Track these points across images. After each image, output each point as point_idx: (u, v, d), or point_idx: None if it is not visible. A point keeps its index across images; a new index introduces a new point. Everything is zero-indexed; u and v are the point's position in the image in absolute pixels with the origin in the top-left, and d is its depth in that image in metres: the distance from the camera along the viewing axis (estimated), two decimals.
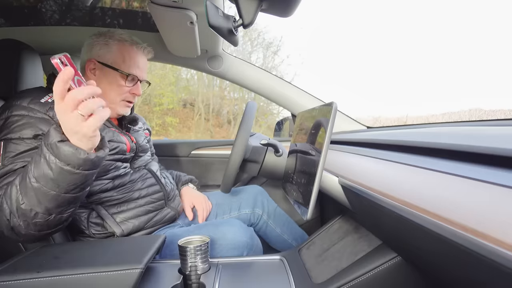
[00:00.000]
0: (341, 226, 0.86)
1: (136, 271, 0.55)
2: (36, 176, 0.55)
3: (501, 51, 7.11)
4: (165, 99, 7.36)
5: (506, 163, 0.34)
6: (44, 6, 1.06)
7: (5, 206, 0.58)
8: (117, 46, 0.82)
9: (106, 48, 0.81)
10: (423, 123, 0.88)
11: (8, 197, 0.57)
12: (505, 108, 3.76)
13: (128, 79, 0.83)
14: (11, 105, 0.68)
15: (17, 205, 0.57)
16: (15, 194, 0.57)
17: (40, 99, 0.70)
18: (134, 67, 0.83)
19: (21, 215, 0.57)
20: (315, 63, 9.57)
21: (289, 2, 0.53)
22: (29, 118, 0.67)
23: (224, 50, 1.24)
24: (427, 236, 0.37)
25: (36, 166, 0.55)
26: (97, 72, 0.82)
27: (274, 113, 7.07)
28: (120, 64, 0.82)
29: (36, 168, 0.55)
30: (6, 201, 0.58)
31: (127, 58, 0.83)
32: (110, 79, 0.82)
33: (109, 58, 0.81)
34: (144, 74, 0.87)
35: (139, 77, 0.85)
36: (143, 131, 0.98)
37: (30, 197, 0.56)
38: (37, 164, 0.55)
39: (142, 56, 0.86)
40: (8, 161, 0.63)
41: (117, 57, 0.82)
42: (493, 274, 0.29)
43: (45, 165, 0.54)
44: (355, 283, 0.63)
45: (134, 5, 1.07)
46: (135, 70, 0.84)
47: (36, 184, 0.55)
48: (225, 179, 0.94)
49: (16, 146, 0.64)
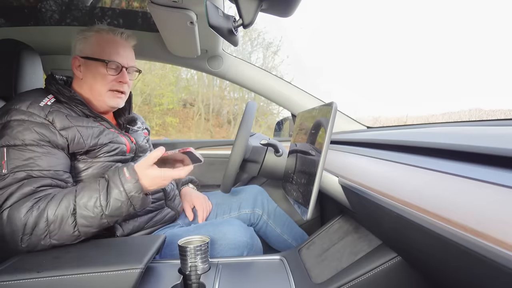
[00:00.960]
0: (341, 226, 0.86)
1: (136, 271, 0.55)
2: (108, 213, 0.64)
3: (501, 51, 7.11)
4: (165, 99, 7.36)
5: (506, 163, 0.34)
6: (44, 6, 1.06)
7: (43, 225, 0.61)
8: (95, 37, 0.80)
9: (85, 41, 0.80)
10: (423, 123, 0.88)
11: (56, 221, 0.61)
12: (505, 108, 3.75)
13: (109, 67, 0.80)
14: (10, 109, 0.68)
15: (64, 231, 0.62)
16: (66, 221, 0.62)
17: (39, 102, 0.70)
18: (114, 53, 0.81)
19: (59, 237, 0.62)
20: (315, 63, 9.57)
21: (289, 2, 0.53)
22: (29, 124, 0.66)
23: (224, 50, 1.24)
24: (427, 236, 0.37)
25: (110, 206, 0.63)
26: (81, 68, 0.80)
27: (274, 113, 7.06)
28: (100, 53, 0.79)
29: (109, 208, 0.64)
30: (40, 221, 0.60)
31: (105, 46, 0.80)
32: (93, 71, 0.80)
33: (89, 50, 0.80)
34: (128, 60, 0.83)
35: (122, 64, 0.82)
36: (142, 131, 0.97)
37: (86, 227, 0.63)
38: (111, 204, 0.64)
39: (121, 42, 0.83)
40: (12, 169, 0.63)
41: (96, 47, 0.80)
42: (493, 274, 0.29)
43: (122, 209, 0.65)
44: (355, 283, 0.63)
45: (134, 5, 1.07)
46: (115, 56, 0.81)
47: (104, 220, 0.64)
48: (225, 179, 0.94)
49: (19, 153, 0.64)
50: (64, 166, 0.69)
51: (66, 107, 0.74)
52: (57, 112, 0.70)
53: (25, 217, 0.59)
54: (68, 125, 0.70)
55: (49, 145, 0.67)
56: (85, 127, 0.73)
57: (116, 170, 0.67)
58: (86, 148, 0.72)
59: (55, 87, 0.75)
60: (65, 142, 0.69)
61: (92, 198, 0.63)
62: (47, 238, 0.61)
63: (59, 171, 0.67)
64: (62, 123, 0.69)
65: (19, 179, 0.62)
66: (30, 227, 0.60)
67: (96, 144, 0.74)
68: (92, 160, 0.75)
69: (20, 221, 0.59)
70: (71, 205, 0.62)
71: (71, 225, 0.62)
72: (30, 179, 0.63)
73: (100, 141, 0.75)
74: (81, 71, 0.81)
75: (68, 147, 0.70)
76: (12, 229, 0.59)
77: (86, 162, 0.74)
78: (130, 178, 0.65)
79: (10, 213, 0.60)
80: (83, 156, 0.74)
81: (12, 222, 0.59)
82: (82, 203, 0.63)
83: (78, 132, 0.71)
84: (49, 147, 0.67)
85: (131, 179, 0.65)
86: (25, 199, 0.61)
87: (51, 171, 0.66)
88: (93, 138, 0.74)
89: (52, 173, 0.66)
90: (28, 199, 0.61)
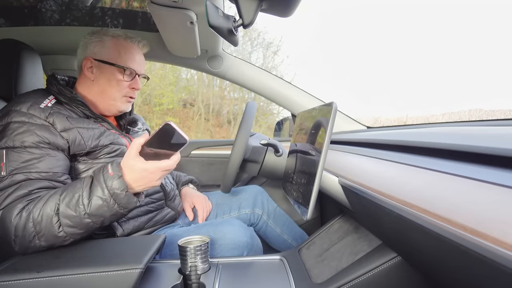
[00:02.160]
0: (341, 226, 0.86)
1: (136, 271, 0.55)
2: (89, 212, 0.60)
3: (501, 51, 7.11)
4: (165, 99, 7.36)
5: (506, 163, 0.34)
6: (44, 6, 1.06)
7: (30, 226, 0.58)
8: (111, 41, 0.82)
9: (101, 44, 0.81)
10: (423, 123, 0.88)
11: (40, 223, 0.59)
12: (505, 108, 3.75)
13: (126, 73, 0.82)
14: (10, 111, 0.67)
15: (49, 232, 0.59)
16: (50, 221, 0.59)
17: (39, 104, 0.69)
18: (130, 60, 0.83)
19: (45, 239, 0.60)
20: (315, 63, 9.56)
21: (289, 2, 0.53)
22: (29, 126, 0.66)
23: (224, 50, 1.24)
24: (427, 236, 0.37)
25: (91, 205, 0.60)
26: (94, 70, 0.81)
27: (274, 113, 7.06)
28: (117, 59, 0.81)
29: (90, 206, 0.60)
30: (33, 224, 0.59)
31: (122, 52, 0.82)
32: (108, 75, 0.81)
33: (105, 54, 0.81)
34: (141, 68, 0.86)
35: (137, 71, 0.84)
36: (142, 131, 0.98)
37: (70, 227, 0.60)
38: (92, 203, 0.60)
39: (137, 50, 0.86)
40: (11, 171, 0.62)
41: (113, 52, 0.81)
42: (493, 274, 0.29)
43: (105, 207, 0.60)
44: (355, 283, 0.63)
45: (134, 5, 1.07)
46: (132, 63, 0.83)
47: (88, 220, 0.60)
48: (225, 179, 0.94)
49: (18, 155, 0.64)
50: (63, 167, 0.69)
51: (67, 108, 0.74)
52: (57, 114, 0.70)
53: (15, 219, 0.58)
54: (69, 127, 0.70)
55: (49, 147, 0.67)
56: (86, 129, 0.73)
57: (101, 167, 0.63)
58: (87, 149, 0.72)
59: (56, 88, 0.75)
60: (65, 143, 0.69)
61: (74, 196, 0.60)
62: (35, 240, 0.59)
63: (57, 172, 0.67)
64: (63, 125, 0.69)
65: (17, 182, 0.62)
66: (20, 229, 0.58)
67: (97, 146, 0.74)
68: (93, 161, 0.75)
69: (11, 223, 0.58)
70: (55, 204, 0.60)
71: (55, 225, 0.59)
72: (27, 181, 0.63)
73: (101, 143, 0.75)
74: (93, 72, 0.81)
75: (69, 148, 0.70)
76: (5, 232, 0.59)
77: (87, 163, 0.74)
78: (113, 174, 0.60)
79: (3, 215, 0.59)
80: (84, 157, 0.74)
81: (4, 224, 0.59)
82: (65, 201, 0.60)
83: (79, 134, 0.71)
84: (49, 149, 0.67)
85: (114, 175, 0.60)
86: (18, 201, 0.60)
87: (49, 173, 0.65)
88: (93, 139, 0.74)
89: (50, 175, 0.66)
90: (20, 201, 0.60)
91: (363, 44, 9.45)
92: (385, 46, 9.10)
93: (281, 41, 7.28)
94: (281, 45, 7.29)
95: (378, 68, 9.16)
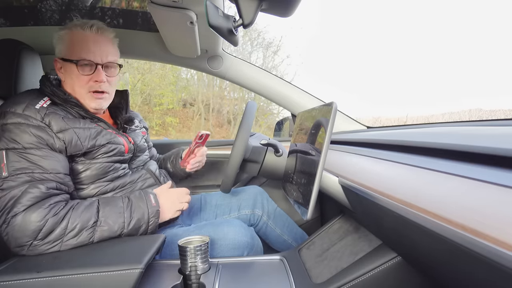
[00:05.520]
0: (341, 226, 0.86)
1: (136, 271, 0.55)
2: (127, 232, 0.70)
3: (500, 51, 7.10)
4: (165, 99, 7.37)
5: (506, 163, 0.34)
6: (44, 6, 1.06)
7: (58, 232, 0.63)
8: (67, 35, 0.75)
9: (60, 41, 0.77)
10: (423, 123, 0.88)
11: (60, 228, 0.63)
12: (505, 108, 3.76)
13: (79, 66, 0.74)
14: (5, 112, 0.66)
15: (80, 243, 0.65)
16: (85, 234, 0.65)
17: (34, 104, 0.68)
18: (84, 51, 0.74)
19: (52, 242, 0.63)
20: (315, 63, 9.57)
21: (289, 2, 0.53)
22: (26, 127, 0.65)
23: (224, 50, 1.24)
24: (427, 236, 0.37)
25: (132, 225, 0.70)
26: (62, 69, 0.78)
27: (274, 113, 7.07)
28: (71, 53, 0.75)
29: (131, 227, 0.70)
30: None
31: (75, 44, 0.75)
32: (69, 72, 0.76)
33: (63, 51, 0.76)
34: (102, 56, 0.76)
35: (94, 61, 0.75)
36: (139, 130, 0.97)
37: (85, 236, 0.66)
38: (134, 223, 0.70)
39: (92, 37, 0.76)
40: (13, 172, 0.62)
41: (67, 46, 0.75)
42: (493, 274, 0.29)
43: (142, 229, 0.72)
44: (355, 283, 0.63)
45: (134, 5, 1.07)
46: (86, 54, 0.74)
47: (120, 235, 0.70)
48: (225, 179, 0.94)
49: (20, 155, 0.64)
50: (65, 169, 0.69)
51: (62, 109, 0.73)
52: (53, 115, 0.69)
53: (43, 222, 0.60)
54: (65, 127, 0.69)
55: (48, 148, 0.67)
56: (82, 129, 0.72)
57: (141, 194, 0.76)
58: (83, 150, 0.72)
59: (50, 89, 0.74)
60: (62, 144, 0.69)
61: (115, 215, 0.69)
62: (55, 245, 0.62)
63: (60, 173, 0.67)
64: (59, 126, 0.69)
65: (22, 183, 0.62)
66: (45, 233, 0.61)
67: (94, 146, 0.74)
68: (90, 162, 0.75)
69: (35, 225, 0.60)
70: (92, 218, 0.66)
71: (87, 236, 0.65)
72: (34, 182, 0.63)
73: (98, 142, 0.74)
74: (62, 73, 0.78)
75: (66, 149, 0.70)
76: (24, 233, 0.59)
77: (84, 164, 0.74)
78: (155, 205, 0.75)
79: (26, 217, 0.60)
80: (81, 158, 0.74)
81: (25, 226, 0.59)
82: (104, 219, 0.67)
83: (75, 134, 0.70)
84: (48, 150, 0.67)
85: (156, 205, 0.75)
86: (40, 203, 0.62)
87: (53, 174, 0.66)
88: (90, 139, 0.73)
89: (54, 176, 0.66)
90: (42, 204, 0.62)
91: (363, 44, 9.44)
92: (385, 46, 9.10)
93: (281, 41, 7.29)
94: (281, 45, 7.30)
95: (377, 68, 9.15)
